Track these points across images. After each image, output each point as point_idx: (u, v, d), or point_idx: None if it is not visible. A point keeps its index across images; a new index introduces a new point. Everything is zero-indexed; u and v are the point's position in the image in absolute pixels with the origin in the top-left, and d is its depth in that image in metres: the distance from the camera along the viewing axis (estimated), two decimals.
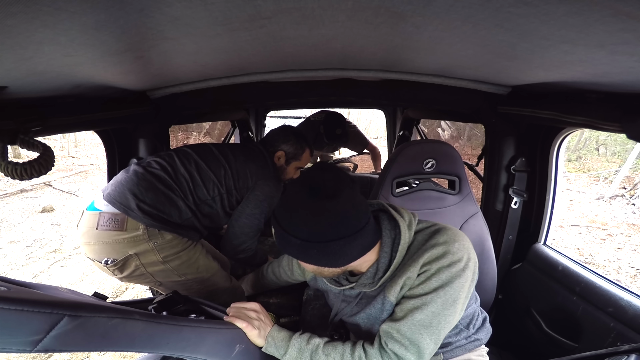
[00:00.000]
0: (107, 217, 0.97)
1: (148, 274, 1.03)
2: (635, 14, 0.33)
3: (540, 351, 1.00)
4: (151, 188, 1.01)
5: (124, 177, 1.04)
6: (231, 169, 1.15)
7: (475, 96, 1.08)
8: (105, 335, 0.46)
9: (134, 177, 1.02)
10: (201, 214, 1.11)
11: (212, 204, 1.12)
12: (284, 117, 5.70)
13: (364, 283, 0.74)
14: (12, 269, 3.01)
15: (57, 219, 4.18)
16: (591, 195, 5.73)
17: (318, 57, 0.85)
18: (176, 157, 1.11)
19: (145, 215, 0.98)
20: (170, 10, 0.42)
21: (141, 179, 1.02)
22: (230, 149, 1.21)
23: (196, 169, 1.11)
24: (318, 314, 1.07)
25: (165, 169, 1.07)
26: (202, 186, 1.10)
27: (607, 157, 7.82)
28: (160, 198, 1.01)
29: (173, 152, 1.14)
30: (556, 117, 0.82)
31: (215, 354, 0.63)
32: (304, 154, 1.33)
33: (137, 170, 1.04)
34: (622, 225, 4.54)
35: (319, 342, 0.72)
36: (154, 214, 1.00)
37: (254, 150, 1.25)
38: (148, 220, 0.98)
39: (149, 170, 1.05)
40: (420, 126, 2.38)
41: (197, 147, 1.18)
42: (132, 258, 0.99)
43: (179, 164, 1.09)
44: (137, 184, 1.01)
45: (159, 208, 1.01)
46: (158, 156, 1.11)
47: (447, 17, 0.46)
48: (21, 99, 0.68)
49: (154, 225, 0.99)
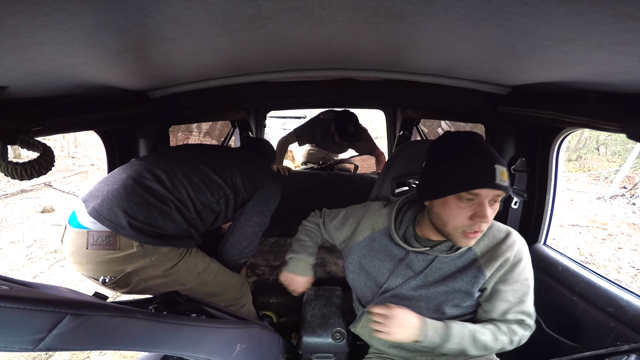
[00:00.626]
0: (96, 236, 0.91)
1: (150, 287, 1.01)
2: (635, 14, 0.33)
3: (540, 351, 1.00)
4: (142, 203, 0.94)
5: (112, 191, 0.95)
6: (239, 168, 1.15)
7: (475, 96, 1.08)
8: (107, 334, 0.47)
9: (123, 191, 0.95)
10: (202, 220, 1.07)
11: (216, 206, 1.09)
12: (284, 117, 5.71)
13: (448, 246, 0.79)
14: (12, 269, 3.01)
15: (57, 220, 4.18)
16: (591, 195, 5.73)
17: (318, 57, 0.85)
18: (173, 163, 1.05)
19: (138, 232, 0.91)
20: (170, 10, 0.42)
21: (131, 193, 0.95)
22: (233, 149, 1.22)
23: (196, 173, 1.06)
24: (318, 314, 1.07)
25: (159, 179, 1.00)
26: (205, 190, 1.05)
27: (608, 157, 7.82)
28: (153, 213, 0.95)
29: (169, 157, 1.09)
30: (556, 117, 0.82)
31: (216, 353, 0.63)
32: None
33: (126, 184, 0.97)
34: (622, 225, 4.53)
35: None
36: (147, 230, 0.94)
37: (247, 154, 1.27)
38: (142, 237, 0.92)
39: (140, 183, 0.98)
40: (420, 126, 2.38)
41: (196, 149, 1.18)
42: (131, 275, 0.95)
43: (176, 170, 1.03)
44: (126, 199, 0.93)
45: (152, 223, 0.95)
46: (152, 162, 1.05)
47: (447, 17, 0.46)
48: (21, 99, 0.68)
49: (148, 242, 0.93)
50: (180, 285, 1.03)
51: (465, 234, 0.70)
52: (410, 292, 0.84)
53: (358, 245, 0.92)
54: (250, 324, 0.79)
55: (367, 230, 0.91)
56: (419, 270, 0.83)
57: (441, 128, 2.68)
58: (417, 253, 0.83)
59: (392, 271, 0.86)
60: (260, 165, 1.22)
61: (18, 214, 4.25)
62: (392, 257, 0.86)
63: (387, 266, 0.87)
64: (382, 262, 0.88)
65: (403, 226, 0.85)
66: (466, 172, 0.65)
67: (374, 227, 0.90)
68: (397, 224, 0.86)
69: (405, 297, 0.85)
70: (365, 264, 0.90)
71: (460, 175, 0.66)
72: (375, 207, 0.94)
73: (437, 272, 0.83)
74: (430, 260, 0.83)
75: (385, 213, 0.91)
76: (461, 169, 0.66)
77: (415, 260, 0.84)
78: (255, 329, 0.78)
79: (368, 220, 0.92)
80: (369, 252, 0.90)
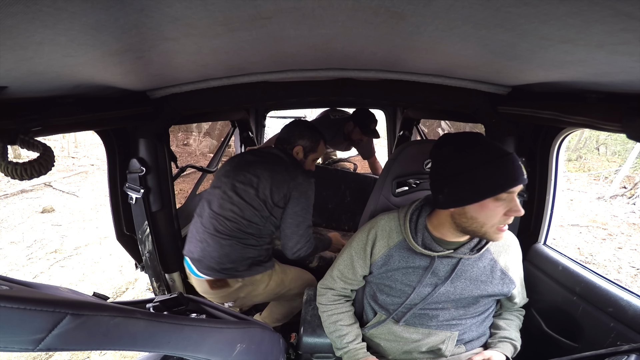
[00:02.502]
0: (213, 283, 1.28)
1: (258, 302, 1.43)
2: (636, 14, 0.33)
3: (540, 351, 1.00)
4: (234, 251, 1.24)
5: (204, 248, 1.24)
6: (264, 189, 1.26)
7: (475, 96, 1.08)
8: (107, 334, 0.47)
9: (216, 244, 1.23)
10: (267, 243, 1.33)
11: (266, 226, 1.29)
12: (284, 117, 5.71)
13: (470, 247, 0.84)
14: (12, 270, 3.02)
15: (57, 220, 4.18)
16: (591, 195, 5.73)
17: (318, 57, 0.84)
18: (236, 208, 1.25)
19: (236, 273, 1.25)
20: (170, 10, 0.42)
21: (224, 246, 1.23)
22: (252, 170, 1.28)
23: (244, 208, 1.25)
24: (318, 314, 1.07)
25: (238, 223, 1.25)
26: (257, 222, 1.26)
27: (608, 157, 7.82)
28: (243, 254, 1.25)
29: (228, 200, 1.26)
30: (556, 117, 0.82)
31: (216, 353, 0.63)
32: (319, 146, 1.41)
33: (213, 236, 1.24)
34: (622, 225, 4.54)
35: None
36: (245, 269, 1.26)
37: (271, 157, 1.32)
38: (240, 273, 1.26)
39: (226, 234, 1.24)
40: (420, 126, 2.38)
41: (232, 186, 1.27)
42: (244, 297, 1.35)
43: (237, 212, 1.25)
44: (218, 252, 1.23)
45: (246, 263, 1.26)
46: (222, 207, 1.26)
47: (447, 17, 0.46)
48: (21, 99, 0.68)
49: (245, 275, 1.27)
50: (274, 295, 1.39)
51: (499, 229, 0.75)
52: (439, 297, 0.86)
53: (375, 264, 0.91)
54: (250, 324, 0.79)
55: (383, 248, 0.90)
56: (445, 275, 0.85)
57: (441, 128, 2.69)
58: (441, 258, 0.84)
59: (418, 282, 0.86)
60: (281, 174, 1.27)
61: (18, 214, 4.25)
62: (415, 268, 0.86)
63: (410, 278, 0.87)
64: (405, 275, 0.87)
65: (419, 234, 0.85)
66: (503, 174, 0.69)
67: (389, 244, 0.89)
68: (414, 234, 0.85)
69: (434, 302, 0.87)
70: (385, 281, 0.90)
71: (498, 177, 0.69)
72: (383, 222, 0.93)
73: (463, 274, 0.85)
74: (454, 264, 0.84)
75: (395, 226, 0.90)
76: (498, 172, 0.69)
77: (440, 266, 0.85)
78: (255, 329, 0.78)
79: (382, 239, 0.91)
80: (388, 270, 0.89)
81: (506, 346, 0.90)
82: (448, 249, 0.83)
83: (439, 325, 0.89)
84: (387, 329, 0.93)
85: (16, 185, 5.04)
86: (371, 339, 0.98)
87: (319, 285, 1.05)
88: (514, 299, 0.93)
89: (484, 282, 0.86)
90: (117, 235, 1.32)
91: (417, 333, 0.90)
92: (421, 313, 0.89)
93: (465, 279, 0.85)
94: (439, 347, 0.88)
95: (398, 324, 0.90)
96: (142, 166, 1.17)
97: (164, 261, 1.35)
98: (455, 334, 0.89)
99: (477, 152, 0.71)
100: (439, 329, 0.89)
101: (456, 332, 0.89)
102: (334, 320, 0.96)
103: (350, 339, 0.93)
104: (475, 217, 0.74)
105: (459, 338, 0.89)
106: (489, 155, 0.70)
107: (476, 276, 0.86)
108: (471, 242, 0.83)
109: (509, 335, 0.91)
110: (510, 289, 0.89)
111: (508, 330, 0.93)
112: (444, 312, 0.88)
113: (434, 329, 0.89)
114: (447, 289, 0.85)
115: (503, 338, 0.91)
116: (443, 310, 0.88)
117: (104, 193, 5.05)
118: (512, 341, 0.91)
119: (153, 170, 1.20)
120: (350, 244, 0.96)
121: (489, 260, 0.88)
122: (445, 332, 0.89)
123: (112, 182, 1.24)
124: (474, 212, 0.73)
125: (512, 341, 0.91)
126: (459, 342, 0.90)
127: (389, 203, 1.09)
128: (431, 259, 0.84)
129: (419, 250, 0.84)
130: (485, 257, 0.87)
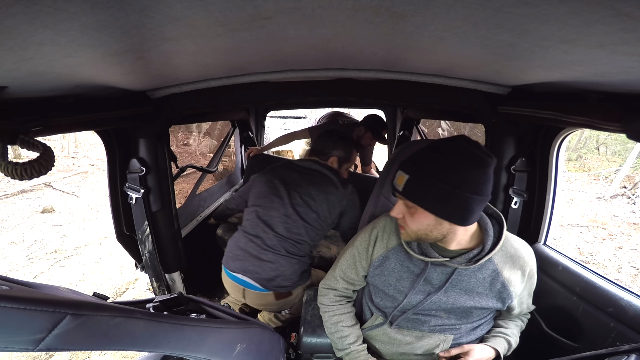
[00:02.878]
0: (279, 295, 1.34)
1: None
2: (635, 14, 0.33)
3: (540, 351, 1.00)
4: (301, 267, 1.33)
5: (280, 266, 1.29)
6: (323, 212, 1.33)
7: (475, 96, 1.08)
8: (107, 334, 0.47)
9: (288, 264, 1.30)
10: (310, 256, 1.41)
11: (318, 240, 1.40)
12: (284, 117, 5.71)
13: (467, 258, 0.79)
14: (12, 270, 3.02)
15: (57, 220, 4.18)
16: (591, 195, 5.73)
17: (318, 57, 0.84)
18: (303, 231, 1.31)
19: (299, 282, 1.35)
20: (170, 10, 0.42)
21: (294, 264, 1.31)
22: (305, 191, 1.33)
23: (309, 230, 1.33)
24: (318, 314, 1.07)
25: (307, 244, 1.34)
26: (317, 240, 1.37)
27: (608, 157, 7.82)
28: (304, 266, 1.35)
29: (293, 224, 1.32)
30: (556, 117, 0.82)
31: (216, 353, 0.63)
32: (353, 155, 1.46)
33: (286, 257, 1.29)
34: (622, 225, 4.54)
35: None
36: (301, 278, 1.35)
37: (318, 176, 1.36)
38: (301, 282, 1.35)
39: (298, 255, 1.32)
40: (420, 126, 2.38)
41: (293, 210, 1.32)
42: (297, 304, 1.42)
43: (303, 235, 1.31)
44: (293, 270, 1.31)
45: (304, 273, 1.37)
46: (290, 231, 1.31)
47: (447, 17, 0.46)
48: (21, 99, 0.68)
49: (304, 282, 1.37)
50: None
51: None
52: (431, 305, 0.85)
53: (372, 264, 0.91)
54: (250, 324, 0.79)
55: (381, 249, 0.90)
56: (439, 284, 0.83)
57: (441, 128, 2.69)
58: (435, 265, 0.83)
59: (410, 288, 0.85)
60: (331, 194, 1.33)
61: (18, 214, 4.25)
62: (409, 273, 0.86)
63: (404, 284, 0.86)
64: (399, 280, 0.87)
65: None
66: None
67: (387, 245, 0.89)
68: None
69: (426, 309, 0.86)
70: (378, 284, 0.90)
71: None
72: (384, 223, 0.92)
73: (458, 285, 0.83)
74: (449, 274, 0.82)
75: (395, 228, 0.90)
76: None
77: (433, 274, 0.83)
78: (255, 329, 0.78)
79: (382, 240, 0.91)
80: (382, 272, 0.89)
81: (498, 340, 0.88)
82: (445, 256, 0.80)
83: (433, 329, 0.88)
84: (381, 331, 0.93)
85: (16, 186, 5.04)
86: (368, 340, 0.98)
87: (320, 285, 1.05)
88: (511, 310, 0.89)
89: (480, 294, 0.83)
90: (117, 235, 1.32)
91: (410, 336, 0.90)
92: (414, 318, 0.88)
93: (460, 289, 0.83)
94: (433, 351, 0.88)
95: (391, 327, 0.91)
96: (142, 166, 1.17)
97: (164, 261, 1.35)
98: (449, 337, 0.88)
99: (482, 180, 0.73)
100: (432, 332, 0.88)
101: (450, 336, 0.88)
102: (336, 321, 0.96)
103: (351, 340, 0.93)
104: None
105: (454, 342, 0.88)
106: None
107: (472, 287, 0.83)
108: (470, 253, 0.80)
109: (504, 331, 0.90)
110: (506, 304, 0.85)
111: (505, 327, 0.92)
112: (436, 318, 0.87)
113: (427, 332, 0.89)
114: (439, 298, 0.83)
115: (497, 333, 0.90)
116: (435, 317, 0.87)
117: (104, 193, 5.06)
118: (507, 336, 0.89)
119: (153, 170, 1.20)
120: (353, 244, 0.96)
121: (491, 271, 0.82)
122: (439, 336, 0.88)
123: (112, 182, 1.24)
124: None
125: (506, 336, 0.89)
126: (454, 345, 0.88)
127: (389, 203, 1.09)
128: (425, 264, 0.84)
129: (415, 255, 0.83)
130: (487, 268, 0.82)
